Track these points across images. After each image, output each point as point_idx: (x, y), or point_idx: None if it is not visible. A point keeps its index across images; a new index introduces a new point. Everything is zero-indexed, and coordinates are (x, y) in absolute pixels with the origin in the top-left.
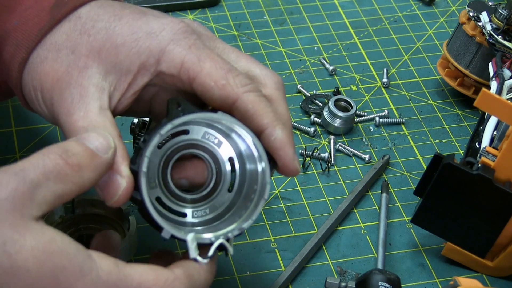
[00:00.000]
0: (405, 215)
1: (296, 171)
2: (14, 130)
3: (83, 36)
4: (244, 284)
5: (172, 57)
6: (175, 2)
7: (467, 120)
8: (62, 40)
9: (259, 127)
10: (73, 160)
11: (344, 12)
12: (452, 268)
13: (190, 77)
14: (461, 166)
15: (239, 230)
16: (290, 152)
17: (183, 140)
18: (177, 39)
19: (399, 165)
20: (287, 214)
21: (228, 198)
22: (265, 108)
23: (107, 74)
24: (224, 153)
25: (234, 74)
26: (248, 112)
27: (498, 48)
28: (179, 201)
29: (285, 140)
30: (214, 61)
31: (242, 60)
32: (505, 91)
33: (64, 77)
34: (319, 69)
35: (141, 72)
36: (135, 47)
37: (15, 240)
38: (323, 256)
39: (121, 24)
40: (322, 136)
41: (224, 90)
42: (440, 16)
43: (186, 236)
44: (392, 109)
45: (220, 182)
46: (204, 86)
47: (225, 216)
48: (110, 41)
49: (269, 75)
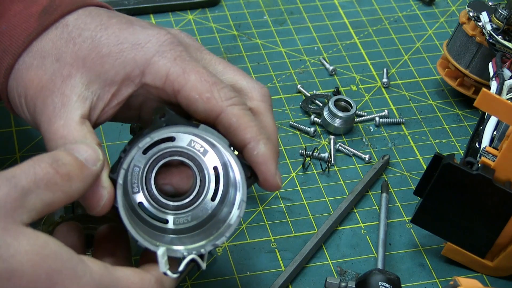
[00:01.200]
0: (405, 215)
1: (277, 187)
2: (14, 130)
3: (69, 45)
4: (244, 284)
5: (157, 69)
6: (175, 2)
7: (467, 120)
8: (48, 48)
9: (242, 141)
10: (63, 169)
11: (344, 12)
12: (452, 268)
13: (175, 90)
14: (461, 166)
15: (212, 246)
16: (272, 168)
17: (169, 146)
18: (163, 51)
19: (399, 165)
20: (287, 214)
21: (211, 206)
22: (249, 122)
23: (91, 84)
24: (209, 162)
25: (219, 87)
26: (232, 126)
27: (498, 48)
28: (162, 207)
29: (267, 155)
30: (199, 73)
31: (229, 72)
32: (505, 91)
33: (48, 85)
34: (319, 69)
35: (126, 83)
36: (120, 58)
37: (9, 244)
38: (323, 256)
39: (107, 34)
40: (322, 136)
41: (209, 103)
42: (440, 16)
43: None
44: (392, 109)
45: (203, 191)
46: (189, 99)
47: (206, 225)
48: (96, 50)
49: (255, 88)
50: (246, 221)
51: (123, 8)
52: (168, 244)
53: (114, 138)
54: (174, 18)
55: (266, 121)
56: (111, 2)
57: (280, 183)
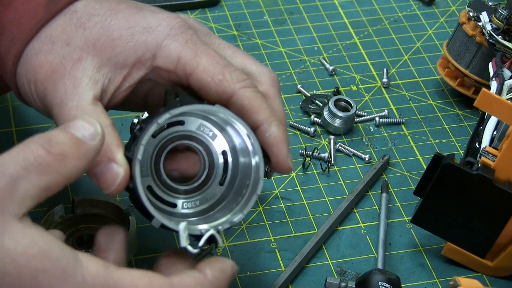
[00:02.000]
0: (405, 215)
1: (289, 169)
2: (14, 130)
3: (79, 30)
4: (244, 284)
5: (169, 52)
6: (175, 2)
7: (467, 120)
8: (57, 33)
9: (254, 123)
10: (56, 149)
11: (344, 12)
12: (452, 268)
13: (186, 72)
14: (461, 166)
15: (229, 224)
16: (284, 150)
17: (178, 130)
18: (174, 34)
19: (399, 165)
20: (287, 214)
21: (219, 191)
22: (261, 104)
23: (102, 67)
24: (218, 146)
25: (230, 69)
26: (244, 108)
27: (498, 48)
28: (170, 191)
29: (279, 137)
30: (211, 56)
31: (238, 56)
32: (505, 91)
33: (58, 68)
34: (319, 69)
35: (137, 66)
36: (131, 41)
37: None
38: (323, 256)
39: (117, 18)
40: (322, 136)
41: (221, 85)
42: (440, 16)
43: (176, 226)
44: (392, 109)
45: (212, 175)
46: (201, 81)
47: (215, 209)
48: (106, 34)
49: (264, 72)
50: (246, 221)
51: None
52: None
53: None
54: None
55: (276, 105)
56: None
57: (292, 165)
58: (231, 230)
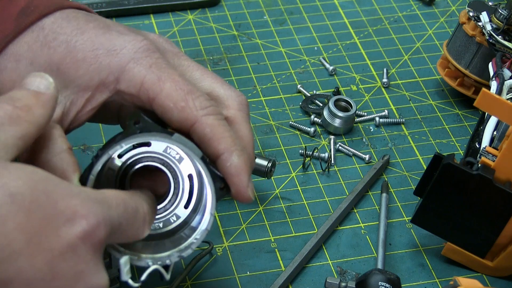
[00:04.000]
0: (405, 215)
1: (249, 199)
2: None
3: (44, 48)
4: (244, 284)
5: (132, 76)
6: (175, 2)
7: (467, 120)
8: (23, 51)
9: (215, 152)
10: (20, 103)
11: (344, 12)
12: (452, 268)
13: (149, 97)
14: (461, 166)
15: (178, 257)
16: (245, 180)
17: (145, 151)
18: (138, 58)
19: (399, 165)
20: (287, 214)
21: (184, 214)
22: (223, 132)
23: (64, 89)
24: (184, 169)
25: (194, 95)
26: (206, 136)
27: (498, 48)
28: None
29: (240, 167)
30: (175, 81)
31: (207, 79)
32: (505, 91)
33: None
34: (319, 69)
35: (100, 89)
36: (95, 63)
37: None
38: (323, 256)
39: (83, 39)
40: (322, 136)
41: (183, 112)
42: (440, 16)
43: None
44: (392, 109)
45: (177, 198)
46: (163, 107)
47: (177, 233)
48: (71, 55)
49: (232, 96)
50: (246, 221)
51: (123, 8)
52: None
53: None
54: (174, 18)
55: (242, 131)
56: (111, 2)
57: (252, 195)
58: (231, 230)
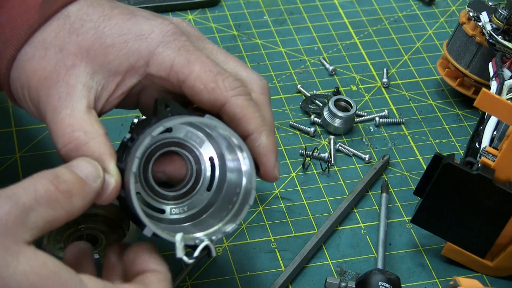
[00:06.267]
0: (405, 215)
1: (276, 178)
2: (14, 130)
3: (72, 36)
4: (244, 284)
5: (161, 60)
6: (175, 2)
7: (467, 120)
8: (50, 39)
9: (245, 132)
10: (64, 186)
11: (344, 12)
12: (452, 268)
13: (179, 80)
14: (461, 166)
15: (222, 233)
16: (272, 159)
17: (166, 137)
18: (167, 42)
19: (399, 165)
20: (287, 214)
21: (207, 197)
22: (253, 113)
23: (95, 74)
24: (205, 153)
25: (223, 76)
26: (236, 116)
27: (498, 48)
28: (158, 197)
29: (268, 147)
30: (204, 63)
31: (230, 62)
32: (505, 91)
33: (52, 75)
34: (319, 69)
35: (130, 74)
36: (124, 49)
37: (9, 264)
38: (323, 256)
39: (110, 24)
40: (322, 136)
41: (213, 93)
42: (440, 16)
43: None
44: (392, 109)
45: (199, 181)
46: (194, 88)
47: (203, 216)
48: (99, 41)
49: (255, 79)
50: (246, 221)
51: None
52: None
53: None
54: None
55: (266, 114)
56: None
57: (278, 174)
58: None
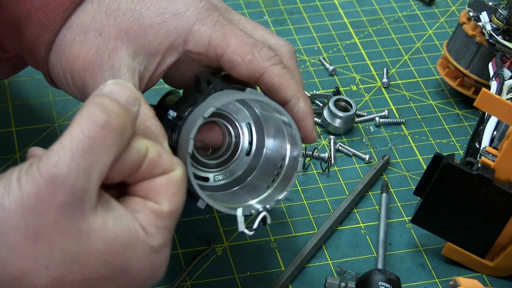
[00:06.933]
0: (405, 215)
1: (315, 140)
2: (14, 130)
3: (109, 18)
4: (244, 284)
5: (199, 36)
6: None
7: (467, 120)
8: (88, 22)
9: (283, 99)
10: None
11: (344, 12)
12: (452, 268)
13: (217, 54)
14: (461, 166)
15: (275, 202)
16: (311, 123)
17: None
18: (202, 18)
19: (399, 165)
20: (287, 214)
21: (247, 161)
22: (289, 80)
23: (136, 55)
24: (241, 119)
25: (258, 48)
26: (274, 85)
27: (498, 48)
28: (201, 166)
29: (306, 111)
30: (239, 37)
31: (258, 31)
32: (505, 91)
33: (95, 59)
34: (319, 69)
35: (169, 52)
36: (163, 28)
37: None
38: (323, 256)
39: (146, 5)
40: (322, 136)
41: (251, 64)
42: (440, 16)
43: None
44: (392, 109)
45: (238, 147)
46: (232, 62)
47: (247, 179)
48: (138, 23)
49: (283, 45)
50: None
51: None
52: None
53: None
54: None
55: (297, 78)
56: None
57: (317, 136)
58: (231, 230)
